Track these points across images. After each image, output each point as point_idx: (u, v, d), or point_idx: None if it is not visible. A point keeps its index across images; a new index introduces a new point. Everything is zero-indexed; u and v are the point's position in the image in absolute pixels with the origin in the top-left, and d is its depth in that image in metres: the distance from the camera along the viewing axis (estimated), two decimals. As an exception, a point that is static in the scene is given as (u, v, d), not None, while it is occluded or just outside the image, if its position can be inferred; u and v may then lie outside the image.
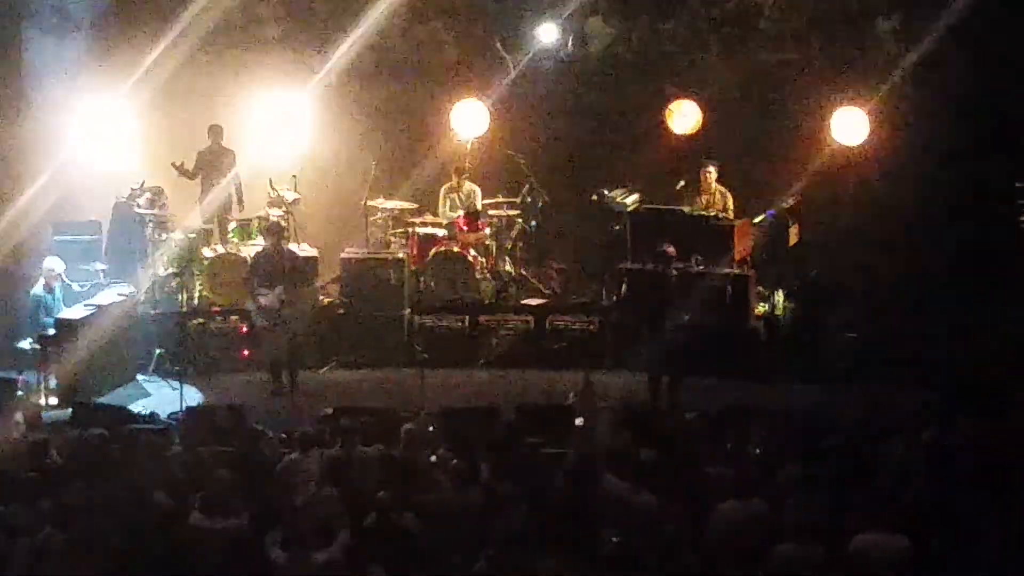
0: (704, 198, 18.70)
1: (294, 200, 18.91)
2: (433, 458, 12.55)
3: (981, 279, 18.46)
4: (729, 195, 18.69)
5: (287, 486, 11.95)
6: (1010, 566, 10.10)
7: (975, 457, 11.96)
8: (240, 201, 18.98)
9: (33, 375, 16.52)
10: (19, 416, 13.96)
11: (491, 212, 19.09)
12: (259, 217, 18.71)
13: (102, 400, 16.21)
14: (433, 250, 18.52)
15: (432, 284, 18.48)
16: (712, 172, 18.66)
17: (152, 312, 18.00)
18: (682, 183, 18.85)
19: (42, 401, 15.92)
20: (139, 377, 17.31)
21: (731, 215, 18.52)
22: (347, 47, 19.60)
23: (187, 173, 18.82)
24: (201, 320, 18.04)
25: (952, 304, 18.28)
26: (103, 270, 18.33)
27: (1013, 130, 18.96)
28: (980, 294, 18.26)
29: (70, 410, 15.31)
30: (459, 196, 19.12)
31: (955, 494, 11.26)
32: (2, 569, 10.23)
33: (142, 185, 18.78)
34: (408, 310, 18.28)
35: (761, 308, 18.14)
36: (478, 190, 19.17)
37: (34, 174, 18.67)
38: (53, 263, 17.22)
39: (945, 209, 19.06)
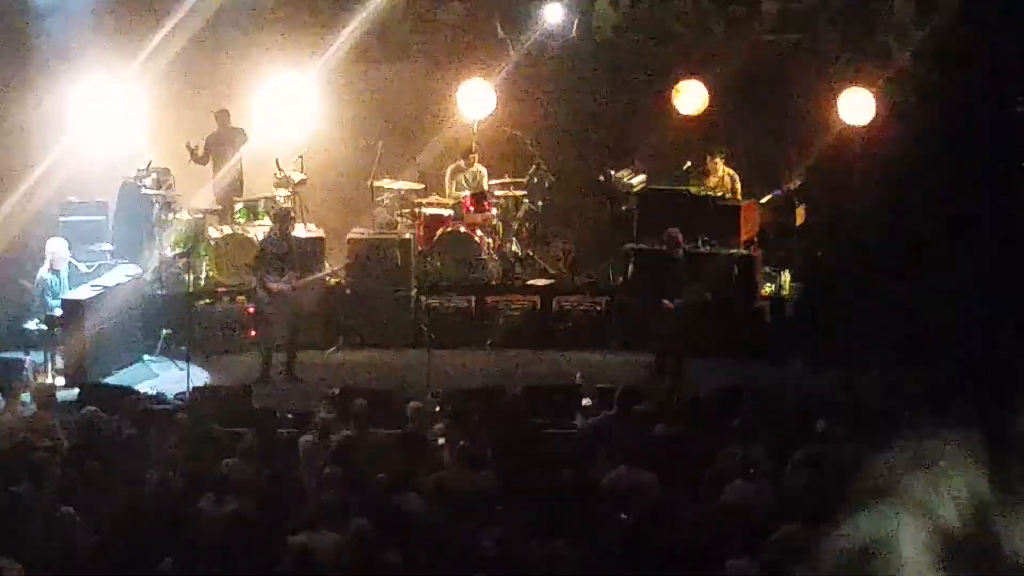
0: (713, 179, 18.69)
1: (300, 181, 18.88)
2: (440, 440, 12.60)
3: (987, 260, 18.44)
4: (737, 177, 18.67)
5: (294, 467, 11.98)
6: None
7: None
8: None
9: (40, 356, 16.56)
10: (27, 397, 14.02)
11: (498, 193, 19.08)
12: (265, 198, 18.69)
13: (109, 380, 16.24)
14: (440, 231, 18.51)
15: (439, 265, 18.47)
16: (718, 162, 18.64)
17: (159, 292, 18.00)
18: (688, 164, 18.85)
19: (49, 382, 15.94)
20: (146, 357, 17.32)
21: (739, 197, 18.51)
22: (352, 27, 19.57)
23: (199, 159, 18.83)
24: (208, 300, 18.04)
25: (958, 285, 18.26)
26: (110, 251, 18.31)
27: (1020, 112, 18.94)
28: (986, 276, 18.24)
29: (77, 390, 15.35)
30: (466, 176, 19.11)
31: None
32: (14, 548, 10.24)
33: (149, 165, 18.74)
34: (415, 290, 18.28)
35: (768, 288, 18.13)
36: (484, 171, 19.15)
37: (40, 155, 18.66)
38: (56, 245, 17.16)
39: (952, 190, 19.03)
